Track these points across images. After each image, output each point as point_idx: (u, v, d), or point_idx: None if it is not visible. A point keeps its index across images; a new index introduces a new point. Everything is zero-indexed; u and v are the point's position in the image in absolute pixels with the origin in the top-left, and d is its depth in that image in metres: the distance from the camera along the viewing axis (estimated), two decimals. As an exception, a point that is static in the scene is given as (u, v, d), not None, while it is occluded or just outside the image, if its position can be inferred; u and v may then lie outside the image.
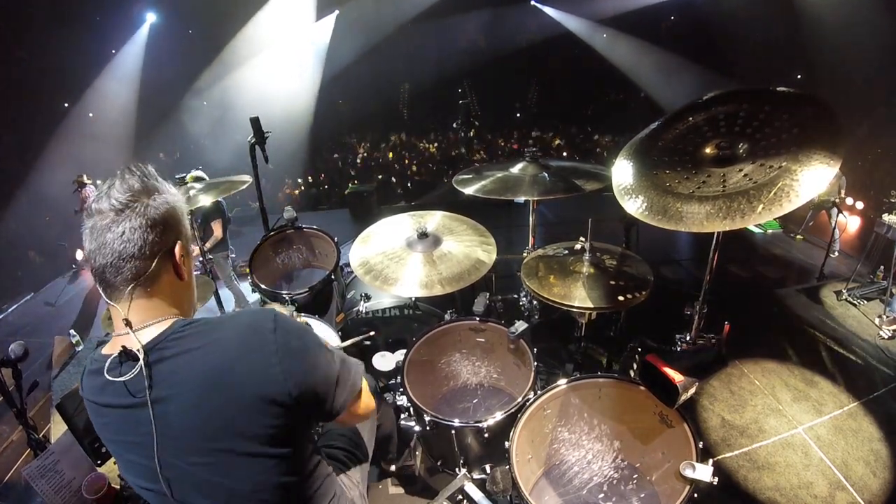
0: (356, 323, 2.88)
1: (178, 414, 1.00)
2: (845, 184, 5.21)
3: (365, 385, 1.32)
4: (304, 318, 2.46)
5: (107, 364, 1.01)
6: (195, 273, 1.38)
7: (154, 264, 1.03)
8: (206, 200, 2.96)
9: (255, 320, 1.07)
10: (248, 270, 2.94)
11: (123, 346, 0.99)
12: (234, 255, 5.28)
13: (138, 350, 0.99)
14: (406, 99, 15.25)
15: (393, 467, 2.35)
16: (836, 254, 5.09)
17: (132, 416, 1.02)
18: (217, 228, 4.74)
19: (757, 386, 3.13)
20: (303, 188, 12.43)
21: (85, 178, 6.75)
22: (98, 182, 6.73)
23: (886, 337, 3.57)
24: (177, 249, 1.07)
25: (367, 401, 1.34)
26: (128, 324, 1.01)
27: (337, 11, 12.62)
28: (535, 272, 2.31)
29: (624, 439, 1.94)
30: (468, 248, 2.50)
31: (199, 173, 4.26)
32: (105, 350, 1.06)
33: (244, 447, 1.03)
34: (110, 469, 2.18)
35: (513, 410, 1.89)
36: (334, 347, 2.10)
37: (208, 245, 4.58)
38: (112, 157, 9.39)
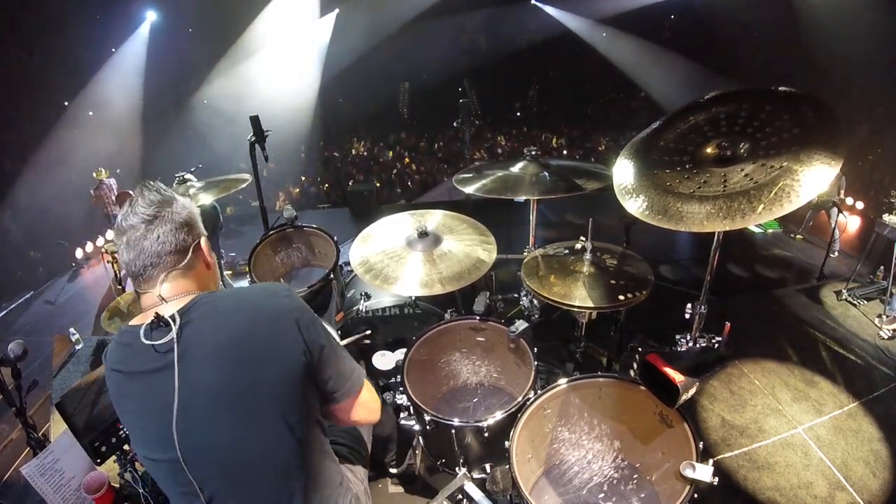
0: (356, 322, 2.89)
1: (202, 374, 1.07)
2: (845, 184, 5.21)
3: (371, 389, 1.36)
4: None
5: (142, 330, 1.09)
6: None
7: (189, 255, 1.18)
8: (205, 199, 2.96)
9: (271, 288, 1.22)
10: (248, 269, 2.94)
11: (156, 313, 1.09)
12: (228, 257, 5.28)
13: (170, 317, 1.09)
14: (406, 98, 15.23)
15: (395, 469, 2.35)
16: (836, 254, 5.09)
17: (156, 381, 1.08)
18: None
19: (757, 386, 3.13)
20: (303, 187, 12.42)
21: (103, 171, 6.81)
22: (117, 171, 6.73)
23: (886, 337, 3.57)
24: (202, 243, 1.23)
25: (373, 405, 1.37)
26: (161, 298, 1.13)
27: (337, 10, 12.61)
28: (535, 272, 2.31)
29: (624, 439, 1.94)
30: (468, 247, 2.50)
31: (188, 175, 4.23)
32: (133, 322, 1.15)
33: (264, 405, 1.10)
34: (110, 468, 2.18)
35: (513, 410, 1.89)
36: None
37: None
38: (112, 155, 9.38)
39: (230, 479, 1.13)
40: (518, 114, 15.32)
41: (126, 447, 2.04)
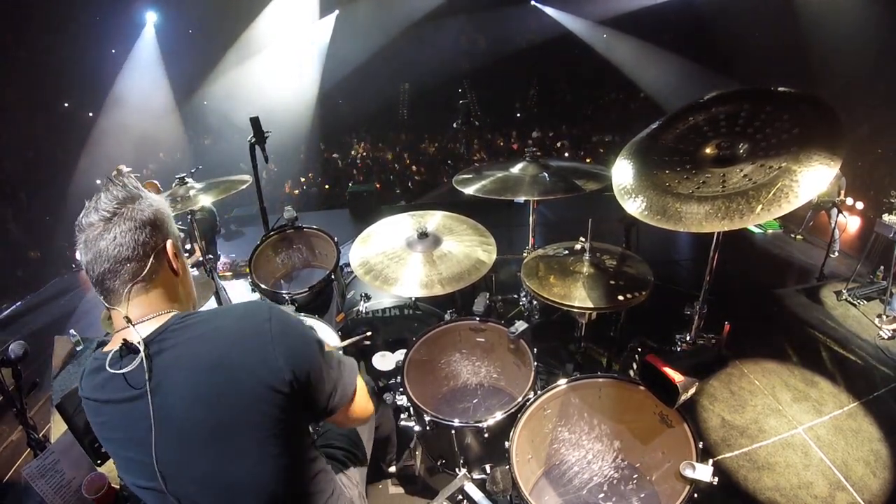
0: (356, 323, 2.89)
1: (178, 404, 1.01)
2: (845, 184, 5.21)
3: (362, 387, 1.32)
4: (303, 318, 2.46)
5: (108, 358, 1.03)
6: (194, 272, 1.39)
7: (150, 263, 1.06)
8: (206, 200, 2.96)
9: (250, 310, 1.11)
10: (248, 270, 2.94)
11: (124, 340, 1.02)
12: (229, 258, 5.28)
13: (138, 342, 1.01)
14: (406, 99, 15.23)
15: (393, 469, 2.35)
16: (836, 254, 5.09)
17: (131, 411, 1.03)
18: (198, 249, 4.69)
19: (757, 386, 3.13)
20: (303, 188, 12.43)
21: (124, 168, 6.64)
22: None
23: (886, 337, 3.57)
24: (168, 247, 1.11)
25: (364, 403, 1.33)
26: (128, 320, 1.04)
27: (337, 11, 12.62)
28: (535, 272, 2.31)
29: (624, 439, 1.94)
30: (468, 247, 2.50)
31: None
32: (105, 349, 1.08)
33: (244, 436, 1.04)
34: (110, 469, 2.18)
35: (513, 410, 1.89)
36: (333, 347, 2.11)
37: (190, 261, 4.52)
38: (112, 155, 9.39)
39: None
40: (518, 114, 15.32)
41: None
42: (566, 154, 12.14)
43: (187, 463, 1.05)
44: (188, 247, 4.61)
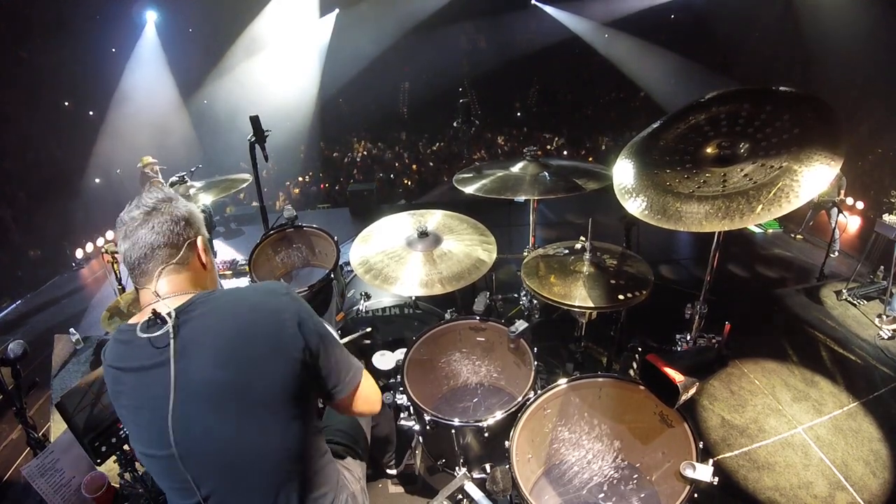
0: (356, 322, 2.89)
1: (199, 371, 1.07)
2: (845, 184, 5.20)
3: (370, 378, 1.38)
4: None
5: (139, 326, 1.10)
6: None
7: (183, 251, 1.18)
8: (206, 199, 2.96)
9: (271, 286, 1.22)
10: (248, 269, 2.94)
11: (154, 310, 1.09)
12: (223, 260, 5.28)
13: (168, 313, 1.08)
14: (406, 98, 15.23)
15: (394, 471, 2.35)
16: (836, 254, 5.09)
17: (153, 377, 1.08)
18: None
19: (757, 386, 3.13)
20: (303, 187, 12.43)
21: (149, 158, 6.50)
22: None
23: (886, 337, 3.57)
24: (199, 242, 1.24)
25: (373, 393, 1.39)
26: (156, 294, 1.14)
27: (337, 10, 12.62)
28: (535, 271, 2.31)
29: (624, 439, 1.94)
30: (468, 247, 2.50)
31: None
32: (132, 321, 1.15)
33: (259, 400, 1.10)
34: (110, 468, 2.18)
35: (513, 410, 1.89)
36: None
37: None
38: (112, 155, 9.38)
39: (225, 476, 1.13)
40: (518, 114, 15.32)
41: (126, 447, 2.04)
42: (565, 153, 12.15)
43: (202, 428, 1.09)
44: None
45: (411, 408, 2.11)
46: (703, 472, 1.48)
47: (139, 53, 10.51)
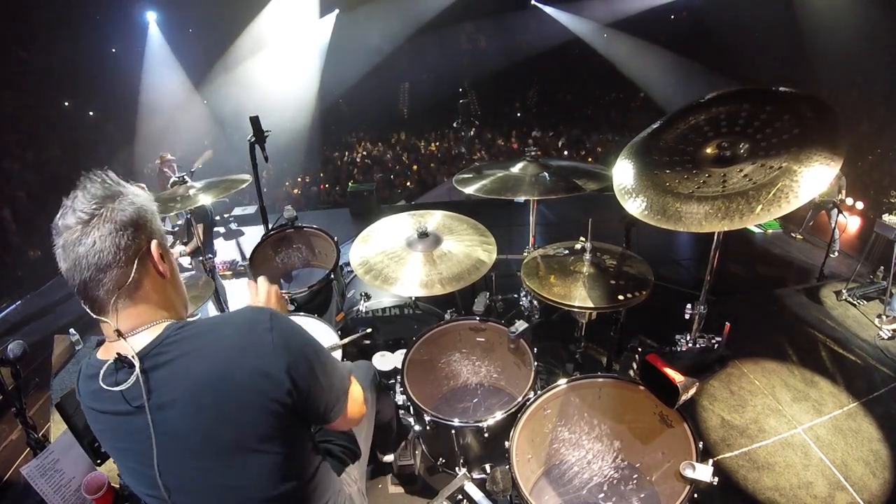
0: (356, 322, 2.88)
1: (179, 419, 0.99)
2: (845, 184, 5.21)
3: (356, 390, 1.32)
4: (303, 318, 2.46)
5: (102, 371, 0.98)
6: (191, 273, 1.38)
7: (134, 269, 0.99)
8: (205, 200, 2.96)
9: (250, 319, 1.06)
10: (248, 269, 2.94)
11: (118, 353, 0.97)
12: (214, 259, 5.27)
13: (133, 357, 0.96)
14: (406, 98, 15.24)
15: (390, 458, 2.34)
16: (836, 254, 5.09)
17: (130, 423, 1.00)
18: (199, 231, 4.70)
19: (757, 386, 3.13)
20: (303, 187, 12.43)
21: (168, 155, 6.76)
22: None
23: (886, 337, 3.57)
24: (153, 248, 1.04)
25: (359, 408, 1.33)
26: (119, 334, 0.99)
27: (337, 11, 12.62)
28: (535, 272, 2.31)
29: (624, 439, 1.94)
30: (468, 247, 2.50)
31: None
32: (100, 354, 1.04)
33: (245, 447, 1.03)
34: (110, 468, 2.18)
35: (513, 410, 1.89)
36: (333, 346, 2.10)
37: (189, 248, 4.52)
38: (113, 155, 9.39)
39: None
40: (518, 114, 15.32)
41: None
42: (565, 153, 12.15)
43: (190, 475, 1.04)
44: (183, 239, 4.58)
45: (411, 408, 2.11)
46: (703, 473, 1.48)
47: (145, 55, 10.58)
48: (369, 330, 2.39)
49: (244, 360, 1.00)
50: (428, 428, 2.04)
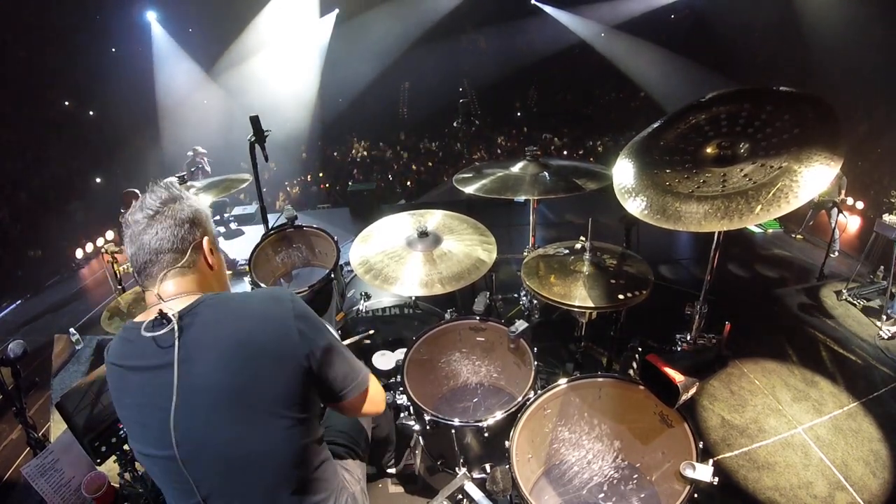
0: (356, 322, 2.88)
1: (203, 374, 1.08)
2: (845, 184, 5.21)
3: (375, 381, 1.38)
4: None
5: (144, 324, 1.10)
6: None
7: (188, 254, 1.18)
8: (206, 199, 2.96)
9: (275, 293, 1.23)
10: (248, 269, 2.94)
11: (160, 311, 1.09)
12: (228, 260, 5.28)
13: (172, 314, 1.09)
14: (406, 97, 15.24)
15: (393, 470, 2.35)
16: (836, 254, 5.09)
17: (156, 377, 1.09)
18: None
19: (757, 386, 3.13)
20: (303, 187, 12.44)
21: (200, 148, 7.38)
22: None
23: (886, 337, 3.57)
24: (205, 243, 1.22)
25: (379, 396, 1.40)
26: (159, 297, 1.15)
27: (337, 10, 12.62)
28: (535, 272, 2.31)
29: (624, 439, 1.94)
30: (468, 247, 2.50)
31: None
32: (138, 318, 1.15)
33: (262, 406, 1.11)
34: (110, 468, 2.18)
35: (513, 410, 1.89)
36: None
37: None
38: (113, 156, 9.38)
39: (226, 479, 1.13)
40: (518, 114, 15.32)
41: (126, 447, 2.04)
42: (564, 153, 12.15)
43: (204, 430, 1.09)
44: None
45: (411, 408, 2.11)
46: (703, 472, 1.48)
47: (147, 56, 10.64)
48: (371, 331, 2.39)
49: (268, 325, 1.13)
50: (428, 428, 2.04)
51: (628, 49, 12.41)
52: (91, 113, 9.65)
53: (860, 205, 6.20)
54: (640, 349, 1.80)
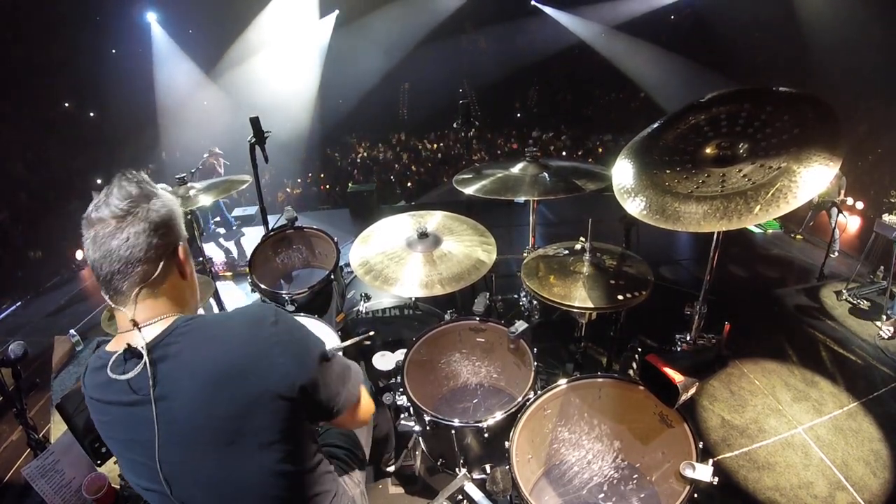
0: (356, 323, 2.88)
1: (183, 410, 1.00)
2: (845, 184, 5.21)
3: (364, 389, 1.33)
4: (303, 318, 2.46)
5: (110, 362, 1.01)
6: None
7: (161, 266, 1.05)
8: (206, 201, 2.96)
9: (256, 315, 1.08)
10: (248, 270, 2.94)
11: (128, 344, 1.00)
12: (228, 258, 5.29)
13: (141, 347, 0.99)
14: (406, 98, 15.25)
15: (392, 468, 2.35)
16: (836, 254, 5.09)
17: (134, 414, 1.01)
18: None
19: (757, 386, 3.13)
20: (303, 187, 12.44)
21: (216, 149, 7.33)
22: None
23: (886, 337, 3.57)
24: (180, 250, 1.10)
25: (368, 405, 1.34)
26: (134, 324, 1.02)
27: (337, 11, 12.63)
28: (535, 272, 2.31)
29: (624, 439, 1.94)
30: (468, 247, 2.50)
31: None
32: (109, 347, 1.07)
33: (249, 441, 1.03)
34: (110, 469, 2.18)
35: (513, 410, 1.89)
36: (334, 348, 2.11)
37: None
38: (113, 156, 9.39)
39: None
40: (518, 114, 15.32)
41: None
42: (563, 153, 12.15)
43: (191, 467, 1.04)
44: None
45: (411, 408, 2.11)
46: (703, 473, 1.48)
47: (148, 56, 10.65)
48: (371, 332, 2.39)
49: (249, 354, 1.02)
50: (428, 428, 2.04)
51: (628, 49, 12.42)
52: (91, 113, 9.66)
53: (860, 205, 6.20)
54: (639, 349, 1.80)
